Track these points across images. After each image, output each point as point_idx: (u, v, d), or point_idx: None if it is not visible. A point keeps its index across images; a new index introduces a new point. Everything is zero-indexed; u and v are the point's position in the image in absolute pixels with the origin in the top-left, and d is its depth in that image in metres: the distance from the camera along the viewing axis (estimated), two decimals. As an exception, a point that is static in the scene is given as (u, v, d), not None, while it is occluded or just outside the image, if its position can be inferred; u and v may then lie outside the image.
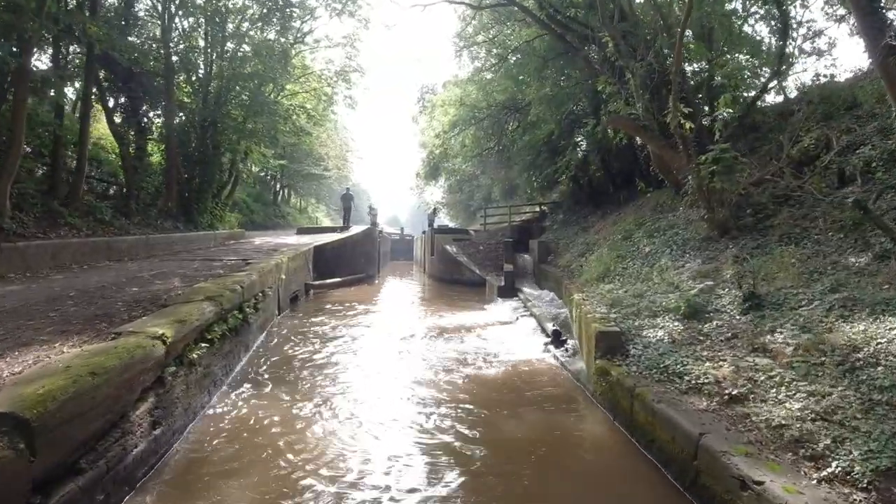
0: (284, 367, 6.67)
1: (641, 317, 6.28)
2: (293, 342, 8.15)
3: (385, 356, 7.43)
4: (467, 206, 38.14)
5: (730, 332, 5.13)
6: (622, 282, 8.47)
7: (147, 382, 3.89)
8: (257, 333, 7.82)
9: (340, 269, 17.45)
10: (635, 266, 9.00)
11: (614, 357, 5.07)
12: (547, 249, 16.91)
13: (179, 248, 14.02)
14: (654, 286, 7.47)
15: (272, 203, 32.35)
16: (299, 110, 20.89)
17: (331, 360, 7.12)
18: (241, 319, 6.51)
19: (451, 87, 23.92)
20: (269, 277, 8.94)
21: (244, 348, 6.78)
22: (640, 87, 10.92)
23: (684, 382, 4.30)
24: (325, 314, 11.14)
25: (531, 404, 5.32)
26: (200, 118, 17.55)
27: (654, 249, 9.00)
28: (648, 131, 10.68)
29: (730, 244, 7.99)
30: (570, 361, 6.44)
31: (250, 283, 7.16)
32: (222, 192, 20.03)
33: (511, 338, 8.57)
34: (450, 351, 7.63)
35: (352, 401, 5.43)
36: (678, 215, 10.34)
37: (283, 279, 10.74)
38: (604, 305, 6.91)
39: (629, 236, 11.14)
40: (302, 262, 13.94)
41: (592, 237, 14.25)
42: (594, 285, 9.15)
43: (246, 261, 10.45)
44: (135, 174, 14.13)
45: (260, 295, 7.90)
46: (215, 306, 5.52)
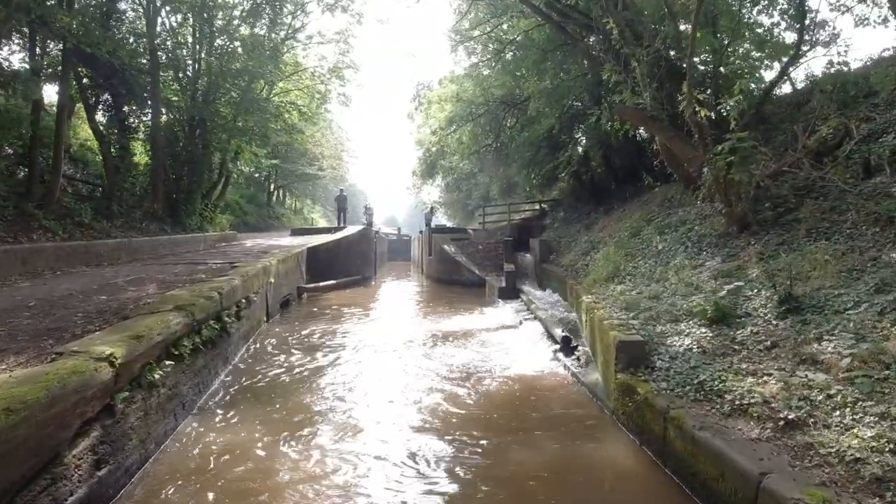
0: (267, 384, 6.01)
1: (662, 322, 5.67)
2: (280, 353, 7.51)
3: (379, 370, 6.76)
4: (465, 206, 37.51)
5: (768, 339, 4.52)
6: (634, 282, 7.85)
7: (90, 413, 3.26)
8: (240, 344, 7.18)
9: (335, 271, 16.80)
10: (647, 265, 8.39)
11: (638, 370, 4.45)
12: (548, 248, 16.30)
13: (165, 251, 13.37)
14: (670, 287, 6.86)
15: (266, 204, 31.68)
16: (290, 107, 20.22)
17: (319, 375, 6.45)
18: (219, 330, 5.88)
19: (448, 84, 23.31)
20: (254, 282, 8.31)
21: (223, 361, 6.15)
22: (647, 76, 10.33)
23: (726, 403, 3.67)
24: (318, 320, 10.50)
25: (543, 427, 4.67)
26: (189, 116, 16.91)
27: (667, 247, 8.40)
28: (657, 122, 10.07)
29: (751, 240, 7.39)
30: (584, 372, 5.81)
31: (230, 289, 6.53)
32: (212, 192, 19.37)
33: (516, 344, 7.94)
34: (451, 361, 6.98)
35: (340, 428, 4.73)
36: (690, 210, 9.74)
37: (271, 283, 10.10)
38: (618, 309, 6.29)
39: (637, 233, 10.53)
40: (293, 265, 13.30)
41: (596, 235, 13.64)
42: (603, 286, 8.53)
43: (232, 264, 9.80)
44: (117, 174, 13.47)
45: (243, 301, 7.26)
46: (185, 317, 4.88)
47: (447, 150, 23.29)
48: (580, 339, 7.19)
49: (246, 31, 18.44)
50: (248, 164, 21.07)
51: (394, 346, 7.94)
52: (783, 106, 11.38)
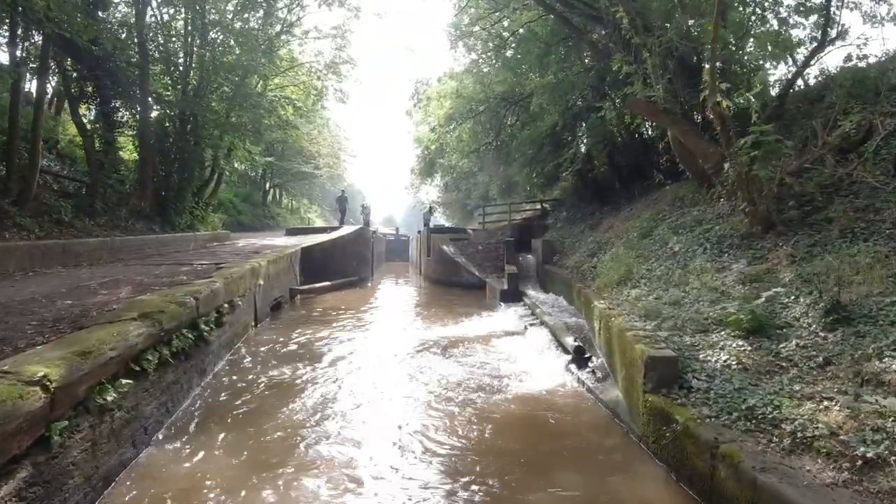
0: (248, 402, 5.37)
1: (688, 332, 5.08)
2: (266, 363, 6.89)
3: (374, 383, 6.11)
4: (464, 205, 36.90)
5: (819, 355, 3.94)
6: (649, 286, 7.27)
7: (16, 449, 2.66)
8: (222, 352, 6.58)
9: (330, 272, 16.19)
10: (663, 267, 7.80)
11: (671, 390, 3.86)
12: (552, 249, 15.72)
13: (152, 251, 12.74)
14: (692, 292, 6.28)
15: (261, 203, 31.03)
16: (285, 102, 19.60)
17: (307, 390, 5.81)
18: (195, 339, 5.27)
19: (447, 81, 22.72)
20: (240, 284, 7.70)
21: (199, 374, 5.53)
22: (660, 67, 9.76)
23: (785, 434, 3.08)
24: (310, 324, 9.88)
25: (561, 459, 4.03)
26: (179, 111, 16.30)
27: (683, 248, 7.81)
28: (670, 115, 9.50)
29: (778, 241, 6.82)
30: (601, 388, 5.21)
31: (209, 293, 5.91)
32: (204, 190, 18.73)
33: (522, 354, 7.34)
34: (452, 373, 6.35)
35: (327, 464, 4.05)
36: (705, 209, 9.17)
37: (260, 285, 9.49)
38: (637, 317, 5.70)
39: (648, 234, 9.96)
40: (286, 266, 12.69)
41: (602, 235, 13.06)
42: (615, 290, 7.95)
43: (218, 265, 9.19)
44: (101, 170, 12.84)
45: (226, 306, 6.65)
46: (150, 326, 4.27)
47: (446, 148, 22.71)
48: (593, 349, 6.60)
49: (240, 25, 17.80)
50: (241, 161, 20.43)
51: (388, 357, 7.31)
52: (796, 102, 10.85)
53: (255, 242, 17.25)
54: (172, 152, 16.26)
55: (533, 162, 18.49)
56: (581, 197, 18.95)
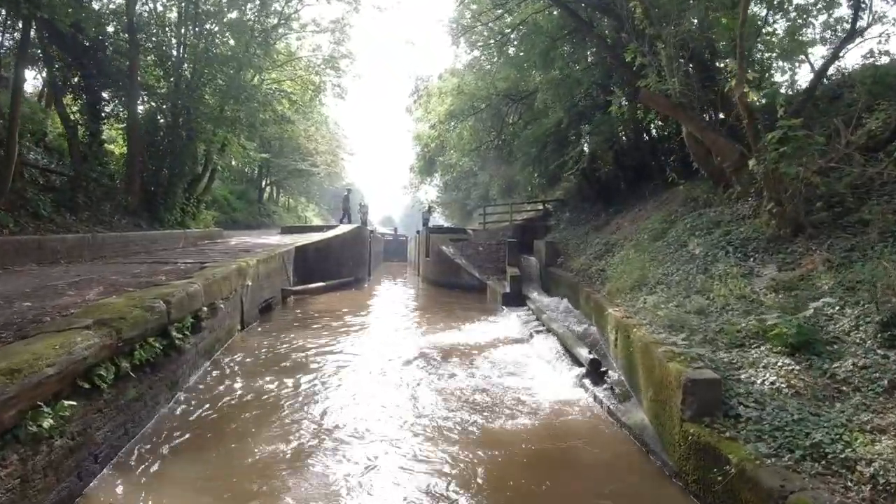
0: (223, 420, 4.75)
1: (721, 346, 4.52)
2: (249, 373, 6.29)
3: (368, 400, 5.50)
4: (464, 206, 36.33)
5: (883, 377, 3.38)
6: (667, 292, 6.71)
7: None
8: (200, 361, 6.00)
9: (326, 273, 15.62)
10: (681, 272, 7.24)
11: (715, 419, 3.29)
12: (555, 251, 15.15)
13: (138, 248, 12.15)
14: (718, 300, 5.72)
15: (257, 201, 30.41)
16: (280, 95, 18.99)
17: (290, 409, 5.16)
18: (164, 348, 4.69)
19: (448, 77, 22.16)
20: (223, 286, 7.11)
21: (169, 387, 4.95)
22: (675, 59, 9.21)
23: (864, 480, 2.53)
24: (301, 328, 9.30)
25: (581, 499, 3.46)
26: (171, 104, 15.72)
27: (703, 252, 7.24)
28: (687, 110, 8.94)
29: (810, 245, 6.27)
30: (623, 410, 4.63)
31: (184, 296, 5.33)
32: (196, 186, 18.10)
33: (529, 364, 6.76)
34: (453, 389, 5.76)
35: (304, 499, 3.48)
36: (722, 210, 8.60)
37: (248, 286, 8.90)
38: (661, 327, 5.13)
39: (661, 236, 9.40)
40: (278, 265, 12.10)
41: (609, 237, 12.49)
42: (629, 296, 7.39)
43: (203, 264, 8.61)
44: (84, 163, 12.24)
45: (205, 310, 6.06)
46: (105, 336, 3.69)
47: (447, 146, 22.12)
48: (606, 360, 6.04)
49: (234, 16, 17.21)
50: (235, 157, 19.78)
51: (383, 367, 6.71)
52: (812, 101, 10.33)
53: (248, 241, 16.67)
54: (163, 146, 15.67)
55: (536, 161, 17.90)
56: (585, 197, 18.41)
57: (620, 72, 13.04)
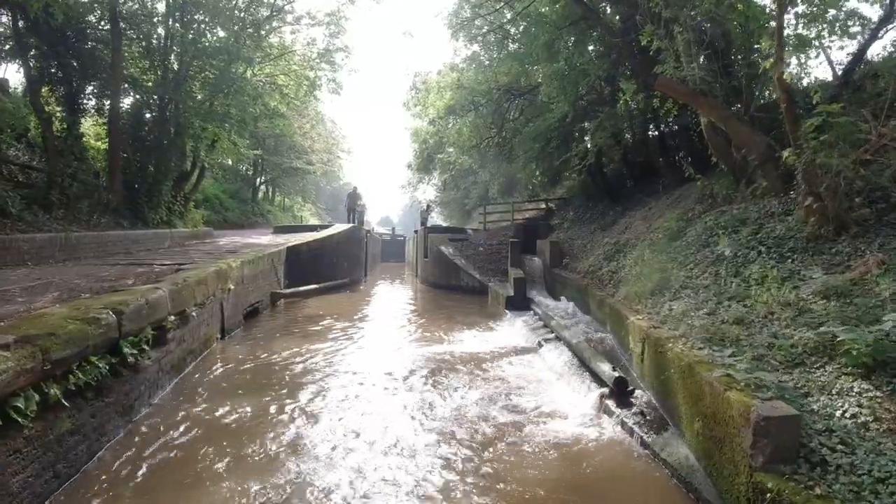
0: (182, 456, 3.98)
1: (775, 365, 3.80)
2: (223, 391, 5.52)
3: (354, 428, 4.67)
4: (462, 205, 35.61)
5: None
6: (695, 298, 5.99)
7: None
8: (164, 379, 5.25)
9: (319, 274, 14.88)
10: (706, 275, 6.53)
11: (797, 468, 2.57)
12: (560, 251, 14.46)
13: (118, 249, 11.41)
14: (759, 307, 5.00)
15: (251, 200, 29.61)
16: (271, 88, 18.23)
17: (265, 439, 4.38)
18: (113, 367, 3.95)
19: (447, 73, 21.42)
20: (197, 290, 6.37)
21: (121, 413, 4.20)
22: (694, 44, 8.52)
23: None
24: (288, 336, 8.55)
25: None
26: (158, 97, 14.99)
27: (733, 252, 6.53)
28: (708, 98, 8.23)
29: (857, 244, 5.57)
30: (660, 442, 3.89)
31: (141, 305, 4.58)
32: (184, 184, 17.35)
33: (540, 380, 6.01)
34: (455, 411, 4.98)
35: None
36: (747, 207, 7.88)
37: (230, 290, 8.16)
38: (699, 340, 4.41)
39: (678, 235, 8.69)
40: (266, 267, 11.36)
41: (619, 237, 11.78)
42: (649, 301, 6.68)
43: (180, 266, 7.86)
44: (60, 158, 11.47)
45: (172, 319, 5.32)
46: (25, 359, 2.95)
47: (445, 143, 21.40)
48: (627, 372, 5.31)
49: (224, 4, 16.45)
50: (226, 153, 19.01)
51: (375, 384, 5.93)
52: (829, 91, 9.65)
53: (238, 240, 15.93)
54: (148, 141, 14.92)
55: (539, 157, 17.18)
56: (589, 196, 17.70)
57: (630, 62, 12.35)
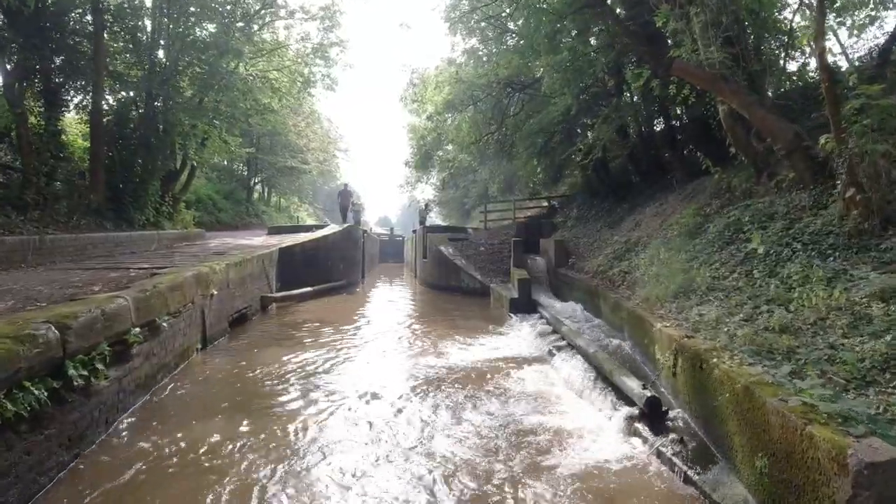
0: (140, 498, 3.37)
1: (839, 382, 3.17)
2: (196, 413, 4.84)
3: (342, 464, 3.92)
4: (461, 204, 35.04)
5: None
6: (727, 302, 5.36)
7: None
8: (127, 400, 4.61)
9: (314, 276, 14.24)
10: (735, 275, 5.90)
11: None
12: (565, 250, 13.84)
13: (99, 252, 10.78)
14: (806, 313, 4.37)
15: (245, 201, 28.93)
16: (261, 82, 17.57)
17: (237, 477, 3.73)
18: (55, 392, 3.31)
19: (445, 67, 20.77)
20: (170, 298, 5.72)
21: (66, 446, 3.55)
22: (713, 25, 7.89)
23: None
24: (276, 345, 7.90)
25: None
26: (145, 92, 14.38)
27: (766, 251, 5.90)
28: (730, 84, 7.59)
29: (910, 240, 4.95)
30: (708, 480, 3.22)
31: (95, 317, 3.94)
32: (173, 184, 16.70)
33: (556, 397, 5.34)
34: (460, 437, 4.31)
35: None
36: (773, 201, 7.25)
37: (213, 295, 7.51)
38: (745, 353, 3.78)
39: (697, 232, 8.07)
40: (256, 270, 10.71)
41: (629, 234, 11.16)
42: (674, 305, 6.04)
43: (157, 270, 7.21)
44: (36, 156, 10.81)
45: (136, 332, 4.68)
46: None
47: (444, 139, 20.73)
48: (654, 387, 4.67)
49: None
50: (217, 152, 18.35)
51: (370, 405, 5.25)
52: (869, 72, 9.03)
53: (229, 242, 15.30)
54: (134, 139, 14.27)
55: (542, 153, 16.56)
56: (594, 192, 17.11)
57: (638, 49, 11.71)
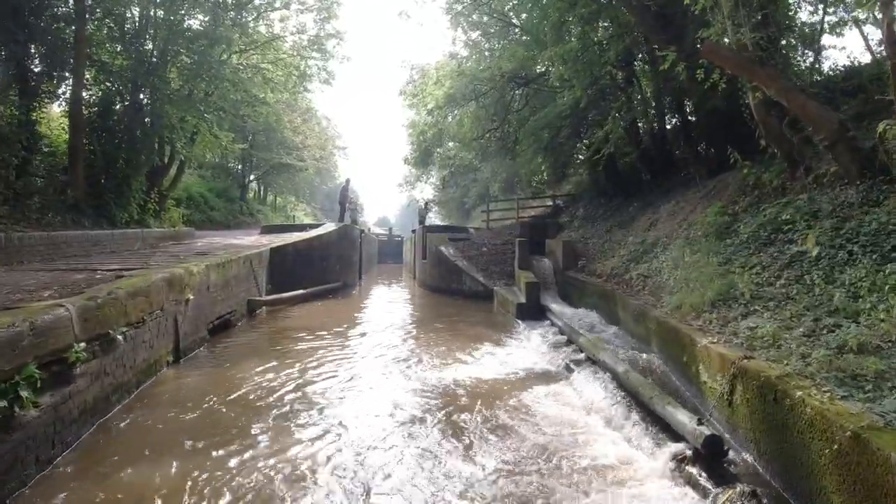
0: None
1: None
2: (149, 447, 3.99)
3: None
4: (461, 204, 34.22)
5: None
6: (779, 314, 4.59)
7: None
8: (66, 432, 3.80)
9: (308, 278, 13.46)
10: (784, 281, 5.12)
11: None
12: (574, 251, 13.05)
13: (75, 251, 10.02)
14: (881, 326, 3.60)
15: (240, 199, 28.10)
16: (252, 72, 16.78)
17: None
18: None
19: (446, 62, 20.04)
20: (130, 305, 4.93)
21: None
22: (744, 3, 7.13)
23: None
24: (259, 357, 7.07)
25: None
26: (130, 83, 13.65)
27: (821, 253, 5.12)
28: (766, 68, 6.83)
29: None
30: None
31: (20, 333, 3.15)
32: (161, 180, 15.91)
33: (584, 427, 4.50)
34: (469, 487, 3.57)
35: None
36: (814, 197, 6.49)
37: (188, 301, 6.72)
38: (828, 382, 3.01)
39: (726, 232, 7.31)
40: (242, 271, 9.92)
41: (645, 235, 10.39)
42: (713, 316, 5.27)
43: (124, 272, 6.42)
44: (5, 147, 10.02)
45: (80, 348, 3.88)
46: None
47: (445, 136, 19.95)
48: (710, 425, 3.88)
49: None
50: (208, 147, 17.55)
51: (362, 439, 4.30)
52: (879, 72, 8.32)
53: (218, 241, 14.51)
54: (119, 132, 13.48)
55: (547, 149, 15.78)
56: (601, 191, 16.36)
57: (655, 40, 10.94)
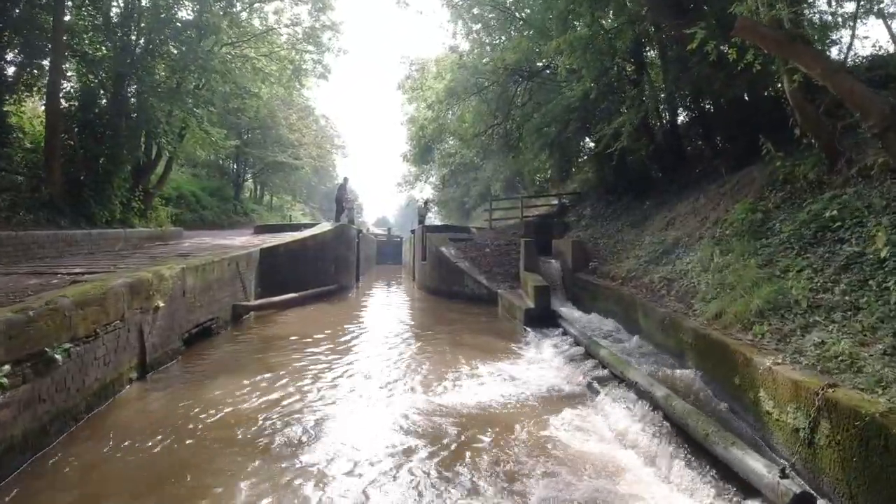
0: None
1: None
2: (89, 496, 3.30)
3: None
4: (462, 204, 33.42)
5: None
6: (849, 326, 3.84)
7: None
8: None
9: (301, 281, 12.69)
10: (844, 287, 4.36)
11: None
12: (584, 252, 12.27)
13: (48, 252, 9.26)
14: None
15: (233, 198, 27.30)
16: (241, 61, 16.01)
17: None
18: None
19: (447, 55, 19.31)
20: (76, 317, 4.16)
21: None
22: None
23: None
24: (237, 373, 6.26)
25: None
26: (113, 74, 12.89)
27: (890, 254, 4.37)
28: (809, 47, 6.08)
29: None
30: None
31: None
32: (146, 177, 15.13)
33: (616, 468, 3.75)
34: None
35: None
36: (859, 192, 5.74)
37: (157, 308, 5.95)
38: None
39: (760, 231, 6.54)
40: (227, 274, 9.14)
41: (663, 235, 9.63)
42: (764, 327, 4.51)
43: (84, 275, 5.66)
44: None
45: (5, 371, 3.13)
46: None
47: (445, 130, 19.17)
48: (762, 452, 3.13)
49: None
50: (199, 143, 16.76)
51: (351, 484, 3.63)
52: None
53: (207, 241, 13.74)
54: (100, 126, 12.69)
55: (553, 144, 15.04)
56: (609, 189, 15.57)
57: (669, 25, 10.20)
